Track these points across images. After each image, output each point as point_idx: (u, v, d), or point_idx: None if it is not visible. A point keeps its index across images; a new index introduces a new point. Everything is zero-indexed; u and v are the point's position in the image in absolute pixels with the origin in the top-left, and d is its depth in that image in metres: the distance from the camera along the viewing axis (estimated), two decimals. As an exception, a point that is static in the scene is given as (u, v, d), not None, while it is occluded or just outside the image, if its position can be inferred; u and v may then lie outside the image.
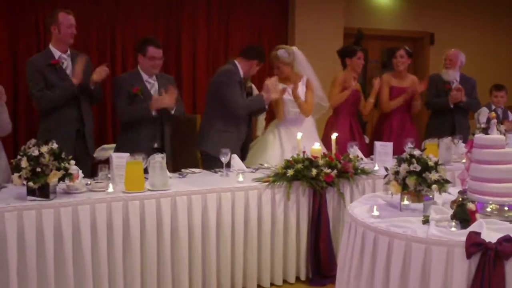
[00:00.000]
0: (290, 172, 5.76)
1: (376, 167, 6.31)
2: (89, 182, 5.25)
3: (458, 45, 8.75)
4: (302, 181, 5.81)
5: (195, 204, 5.30)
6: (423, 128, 8.74)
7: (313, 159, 5.89)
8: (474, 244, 3.53)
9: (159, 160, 5.23)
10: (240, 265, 5.64)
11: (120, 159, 5.28)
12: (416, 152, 4.40)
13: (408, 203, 4.37)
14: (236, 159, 6.22)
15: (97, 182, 5.18)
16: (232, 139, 6.62)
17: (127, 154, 5.22)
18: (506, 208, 4.07)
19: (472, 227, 3.74)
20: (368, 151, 7.40)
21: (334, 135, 6.29)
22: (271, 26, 10.38)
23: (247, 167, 6.38)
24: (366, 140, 8.25)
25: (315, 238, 5.87)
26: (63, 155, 4.79)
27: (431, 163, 4.31)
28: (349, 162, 6.03)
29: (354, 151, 6.50)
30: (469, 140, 4.68)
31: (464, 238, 3.58)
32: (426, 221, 3.97)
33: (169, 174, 5.53)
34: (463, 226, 3.81)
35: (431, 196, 4.33)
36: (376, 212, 4.20)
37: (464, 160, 6.12)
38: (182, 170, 6.16)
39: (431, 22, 12.14)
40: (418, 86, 7.98)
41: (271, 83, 6.60)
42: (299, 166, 5.80)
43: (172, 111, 6.36)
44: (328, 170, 5.82)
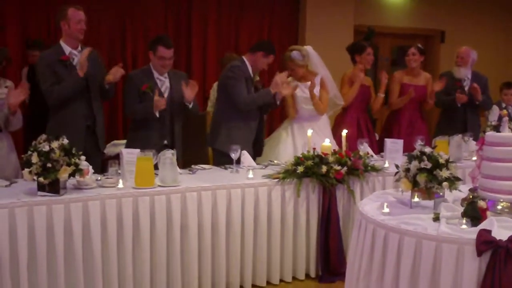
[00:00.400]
0: (300, 169, 5.75)
1: (386, 164, 6.28)
2: (99, 178, 5.24)
3: (469, 43, 8.70)
4: (312, 178, 5.80)
5: (205, 200, 5.31)
6: (433, 126, 8.71)
7: (323, 156, 5.88)
8: (485, 242, 3.52)
9: (169, 156, 5.23)
10: (249, 262, 5.64)
11: (130, 155, 5.28)
12: (427, 150, 4.38)
13: (419, 200, 4.37)
14: (246, 156, 6.21)
15: (107, 178, 5.17)
16: (242, 135, 6.61)
17: (138, 150, 5.23)
18: (517, 206, 4.06)
19: (483, 225, 3.72)
20: (378, 148, 7.38)
21: (344, 132, 6.28)
22: (282, 24, 10.38)
23: (257, 163, 6.37)
24: (376, 137, 8.22)
25: (325, 235, 5.86)
26: (73, 151, 4.80)
27: (442, 161, 4.30)
28: (359, 159, 6.01)
29: (364, 148, 6.49)
30: (480, 137, 4.66)
31: (474, 236, 3.57)
32: (436, 218, 3.96)
33: (179, 170, 5.53)
34: (474, 224, 3.80)
35: (441, 194, 4.32)
36: (386, 209, 4.19)
37: (475, 158, 6.13)
38: (192, 166, 6.16)
39: (441, 19, 12.11)
40: (435, 85, 7.97)
41: (280, 78, 6.57)
42: (309, 163, 5.79)
43: (190, 105, 6.35)
44: (338, 167, 5.81)
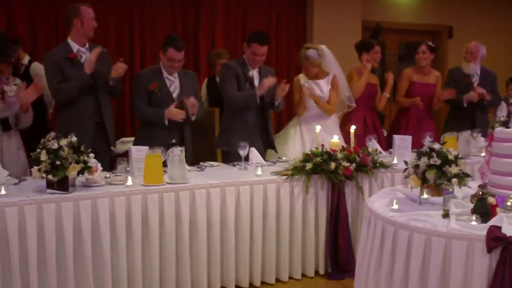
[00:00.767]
0: (308, 166, 5.75)
1: (395, 161, 6.27)
2: (108, 175, 5.26)
3: (477, 38, 8.67)
4: (320, 175, 5.80)
5: (213, 197, 5.32)
6: (441, 122, 8.69)
7: (331, 152, 5.87)
8: (495, 238, 3.51)
9: (178, 153, 5.24)
10: (258, 259, 5.64)
11: (139, 152, 5.29)
12: (436, 146, 4.38)
13: (428, 196, 4.35)
14: (254, 153, 6.21)
15: (116, 175, 5.19)
16: (239, 133, 6.54)
17: (146, 147, 5.24)
18: (527, 202, 4.05)
19: (493, 221, 3.72)
20: (386, 145, 7.37)
21: (352, 128, 6.27)
22: (289, 21, 10.35)
23: (266, 160, 6.37)
24: (384, 133, 8.20)
25: (333, 232, 5.86)
26: (82, 148, 4.80)
27: (451, 157, 4.30)
28: (368, 155, 6.01)
29: (373, 144, 6.48)
30: (489, 133, 4.65)
31: (484, 232, 3.56)
32: (446, 215, 3.95)
33: (187, 167, 5.53)
34: (484, 220, 3.79)
35: (451, 190, 4.30)
36: (395, 206, 4.19)
37: (484, 154, 6.12)
38: (201, 163, 6.17)
39: (449, 15, 12.06)
40: (443, 93, 7.96)
41: (268, 83, 6.52)
42: (318, 159, 5.79)
43: (193, 118, 6.31)
44: (347, 164, 5.80)
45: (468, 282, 3.59)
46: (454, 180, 4.23)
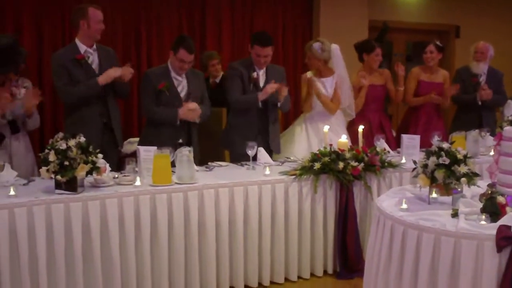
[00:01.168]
0: (317, 165, 5.74)
1: (403, 160, 6.26)
2: (116, 176, 5.26)
3: (484, 38, 8.63)
4: (329, 175, 5.80)
5: (222, 197, 5.33)
6: (449, 122, 8.67)
7: (340, 152, 5.87)
8: (505, 237, 3.51)
9: (186, 153, 5.24)
10: (267, 258, 5.65)
11: (147, 152, 5.29)
12: (445, 145, 4.37)
13: (437, 196, 4.35)
14: (262, 152, 6.21)
15: (125, 176, 5.19)
16: (241, 134, 6.56)
17: (155, 148, 5.24)
18: (536, 201, 4.04)
19: (502, 221, 3.71)
20: (395, 145, 7.35)
21: (360, 128, 6.27)
22: (295, 20, 10.33)
23: (274, 160, 6.37)
24: (393, 134, 8.17)
25: (342, 232, 5.86)
26: (90, 149, 4.81)
27: (460, 156, 4.29)
28: (376, 155, 6.00)
29: (381, 144, 6.47)
30: (498, 133, 4.65)
31: (494, 232, 3.55)
32: (455, 214, 3.94)
33: (196, 167, 5.54)
34: (493, 220, 3.78)
35: (459, 189, 4.29)
36: (404, 205, 4.19)
37: (492, 153, 6.10)
38: (209, 163, 6.17)
39: (456, 14, 12.03)
40: (448, 90, 7.93)
41: (271, 89, 6.51)
42: (326, 159, 5.78)
43: (197, 120, 6.36)
44: (355, 163, 5.80)
45: (478, 282, 3.58)
46: (463, 179, 4.22)
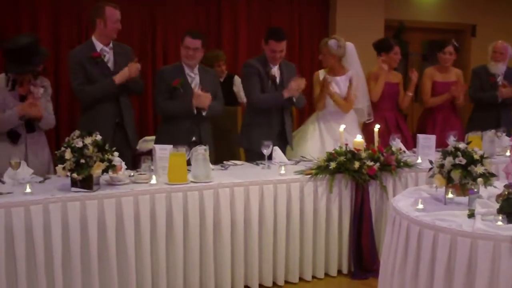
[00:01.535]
0: (332, 165, 5.73)
1: (419, 160, 6.24)
2: (132, 174, 5.27)
3: (501, 37, 8.56)
4: (344, 174, 5.78)
5: (237, 196, 5.33)
6: (465, 121, 8.63)
7: (355, 151, 5.86)
8: (521, 238, 3.50)
9: (202, 152, 5.25)
10: (282, 258, 5.64)
11: (163, 151, 5.30)
12: (461, 145, 4.36)
13: (453, 196, 4.33)
14: (278, 152, 6.20)
15: (140, 174, 5.20)
16: (262, 132, 6.51)
17: (170, 146, 5.23)
18: (553, 202, 4.01)
19: (519, 221, 3.71)
20: (411, 144, 7.33)
21: (376, 127, 6.25)
22: (312, 18, 10.33)
23: (289, 159, 6.37)
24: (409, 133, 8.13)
25: (357, 232, 5.85)
26: (106, 147, 4.82)
27: (476, 157, 4.28)
28: (391, 155, 5.99)
29: (397, 143, 6.45)
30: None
31: (511, 233, 3.54)
32: (471, 215, 3.93)
33: (211, 166, 5.54)
34: (510, 220, 3.77)
35: (476, 190, 4.28)
36: (420, 206, 4.17)
37: (508, 153, 6.08)
38: (224, 162, 6.17)
39: (472, 13, 11.98)
40: (461, 86, 7.89)
41: (296, 84, 6.52)
42: (342, 158, 5.77)
43: (204, 113, 6.31)
44: (371, 163, 5.79)
45: (494, 283, 3.57)
46: (480, 179, 4.21)
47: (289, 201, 5.59)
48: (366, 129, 7.18)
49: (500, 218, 3.76)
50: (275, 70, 6.63)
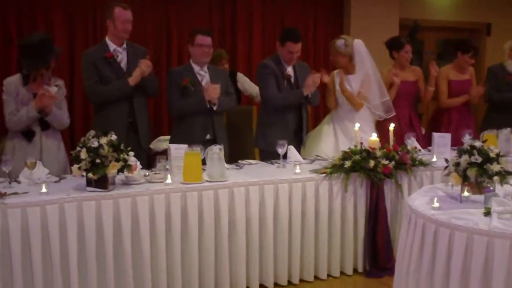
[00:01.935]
0: (347, 164, 5.73)
1: (434, 159, 6.22)
2: (147, 174, 5.28)
3: (517, 35, 8.57)
4: (359, 173, 5.78)
5: (252, 195, 5.33)
6: (478, 120, 8.59)
7: (370, 150, 5.85)
8: (538, 236, 3.49)
9: (217, 151, 5.25)
10: (297, 257, 5.64)
11: (178, 150, 5.31)
12: (477, 144, 4.34)
13: (469, 194, 4.32)
14: (292, 151, 6.20)
15: (156, 173, 5.21)
16: (277, 132, 6.52)
17: (185, 146, 5.25)
18: None
19: (536, 220, 3.69)
20: (424, 142, 7.30)
21: (391, 126, 6.23)
22: (326, 17, 10.32)
23: (304, 158, 6.36)
24: (422, 131, 8.10)
25: (372, 230, 5.84)
26: (121, 147, 4.83)
27: (492, 155, 4.26)
28: (407, 153, 5.97)
29: (412, 142, 6.43)
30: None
31: (528, 231, 3.53)
32: (487, 213, 3.91)
33: (226, 165, 5.54)
34: (526, 219, 3.76)
35: (492, 188, 4.26)
36: (436, 204, 4.16)
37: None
38: (239, 161, 6.18)
39: (487, 12, 11.93)
40: (476, 89, 7.87)
41: (313, 80, 6.52)
42: (357, 157, 5.76)
43: (214, 107, 6.29)
44: (386, 162, 5.77)
45: (511, 281, 3.55)
46: (496, 178, 4.20)
47: (304, 200, 5.59)
48: (381, 128, 7.15)
49: (517, 216, 3.75)
50: (290, 70, 6.63)
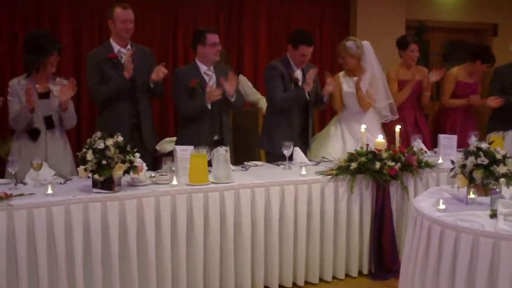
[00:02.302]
0: (353, 165, 5.72)
1: (440, 160, 6.22)
2: (153, 175, 5.28)
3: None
4: (365, 175, 5.77)
5: (258, 197, 5.32)
6: (481, 121, 8.57)
7: (376, 152, 5.84)
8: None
9: (222, 153, 5.25)
10: (302, 258, 5.64)
11: (184, 152, 5.30)
12: (484, 145, 4.33)
13: (475, 196, 4.31)
14: (298, 152, 6.20)
15: (161, 175, 5.21)
16: (283, 133, 6.51)
17: (191, 147, 5.25)
18: None
19: (542, 222, 3.68)
20: (430, 144, 7.29)
21: (397, 127, 6.22)
22: (333, 18, 10.31)
23: (310, 160, 6.36)
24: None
25: (378, 232, 5.84)
26: (128, 148, 4.84)
27: (499, 156, 4.25)
28: (413, 155, 5.96)
29: (418, 144, 6.42)
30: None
31: (534, 233, 3.53)
32: (493, 215, 3.91)
33: (232, 167, 5.54)
34: (533, 221, 3.75)
35: (498, 190, 4.25)
36: (442, 206, 4.15)
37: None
38: (245, 163, 6.17)
39: (494, 12, 11.89)
40: (479, 101, 7.87)
41: (311, 77, 6.51)
42: (363, 159, 5.76)
43: (232, 99, 6.29)
44: (392, 163, 5.76)
45: (517, 283, 3.55)
46: (502, 180, 4.18)
47: (309, 201, 5.59)
48: (387, 130, 7.15)
49: (523, 218, 3.74)
50: (298, 73, 6.63)
